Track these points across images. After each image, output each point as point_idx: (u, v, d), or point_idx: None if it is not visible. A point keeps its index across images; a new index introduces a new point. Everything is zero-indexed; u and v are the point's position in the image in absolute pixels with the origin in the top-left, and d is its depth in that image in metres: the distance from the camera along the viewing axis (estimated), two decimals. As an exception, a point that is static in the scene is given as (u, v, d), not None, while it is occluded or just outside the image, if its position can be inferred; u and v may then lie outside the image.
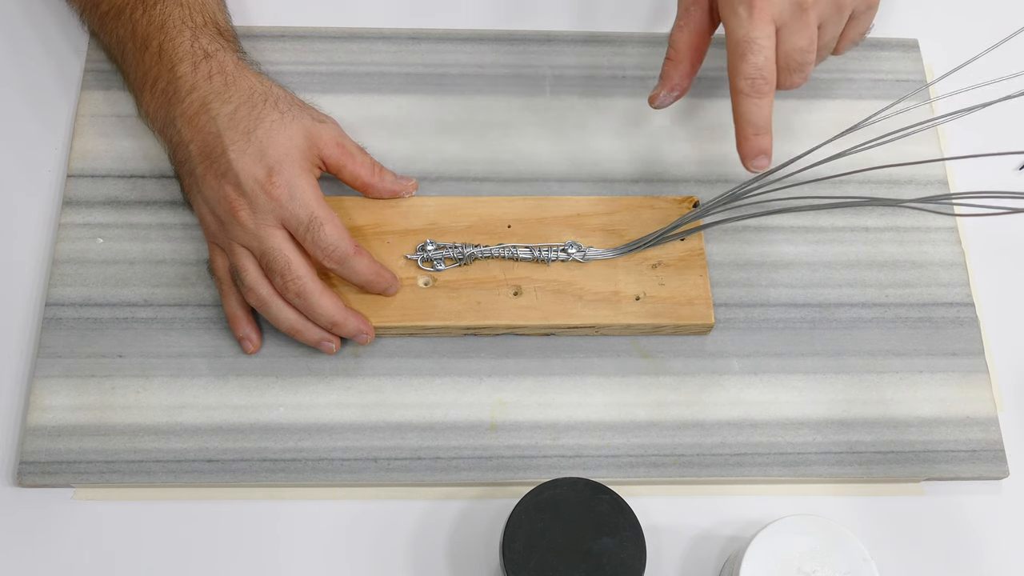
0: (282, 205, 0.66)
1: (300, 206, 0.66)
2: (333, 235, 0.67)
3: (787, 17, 0.67)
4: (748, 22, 0.66)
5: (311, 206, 0.67)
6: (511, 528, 0.60)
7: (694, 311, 0.71)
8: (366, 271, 0.68)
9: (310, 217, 0.66)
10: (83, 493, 0.68)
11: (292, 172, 0.67)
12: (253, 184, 0.66)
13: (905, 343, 0.74)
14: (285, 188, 0.66)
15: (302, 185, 0.67)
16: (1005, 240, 0.79)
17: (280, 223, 0.67)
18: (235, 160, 0.67)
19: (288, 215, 0.66)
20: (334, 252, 0.67)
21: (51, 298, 0.71)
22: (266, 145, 0.67)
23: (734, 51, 0.67)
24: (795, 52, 0.67)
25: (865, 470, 0.70)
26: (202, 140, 0.68)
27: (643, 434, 0.70)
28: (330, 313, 0.68)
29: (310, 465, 0.68)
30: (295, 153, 0.68)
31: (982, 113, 0.65)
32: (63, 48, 0.80)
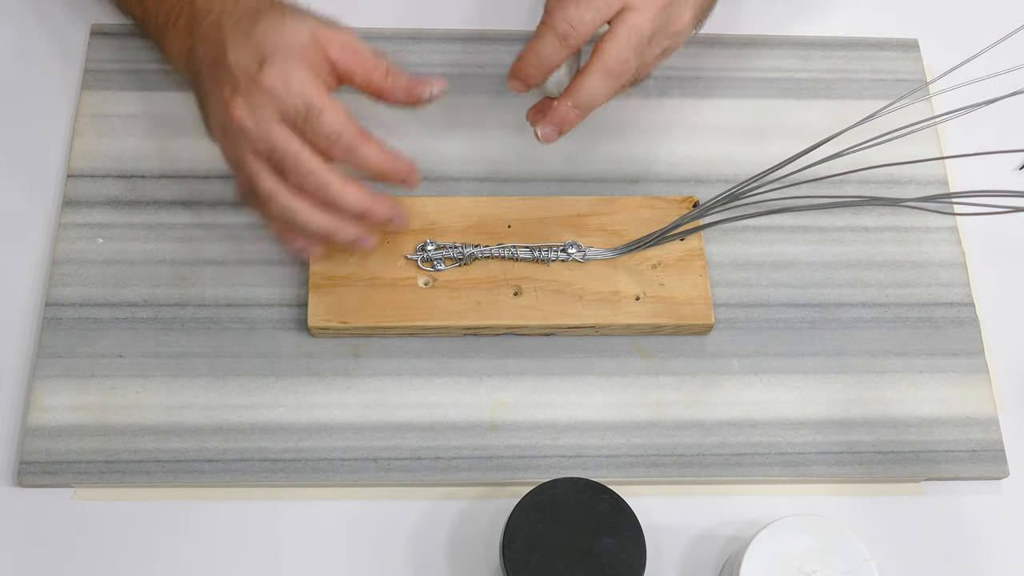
0: (276, 95, 0.62)
1: (296, 95, 0.62)
2: (335, 122, 0.62)
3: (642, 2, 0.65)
4: None
5: (308, 94, 0.62)
6: (511, 528, 0.60)
7: (694, 311, 0.71)
8: (378, 158, 0.64)
9: (307, 106, 0.62)
10: (83, 493, 0.68)
11: (287, 63, 0.62)
12: (246, 79, 0.62)
13: (905, 343, 0.74)
14: (279, 78, 0.62)
15: (298, 75, 0.62)
16: (1005, 240, 0.79)
17: (281, 117, 0.62)
18: (231, 59, 0.63)
19: (284, 106, 0.62)
20: (339, 140, 0.62)
21: (51, 298, 0.71)
22: (262, 39, 0.63)
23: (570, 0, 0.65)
24: (627, 36, 0.65)
25: (865, 470, 0.70)
26: (213, 52, 0.65)
27: (643, 434, 0.70)
28: (357, 201, 0.64)
29: (310, 465, 0.68)
30: (294, 47, 0.63)
31: (982, 112, 0.65)
32: (63, 48, 0.80)
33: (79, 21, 0.81)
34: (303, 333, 0.71)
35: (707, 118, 0.80)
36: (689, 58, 0.81)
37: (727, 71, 0.82)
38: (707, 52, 0.82)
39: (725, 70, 0.82)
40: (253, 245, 0.74)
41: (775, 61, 0.82)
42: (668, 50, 0.70)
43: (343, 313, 0.70)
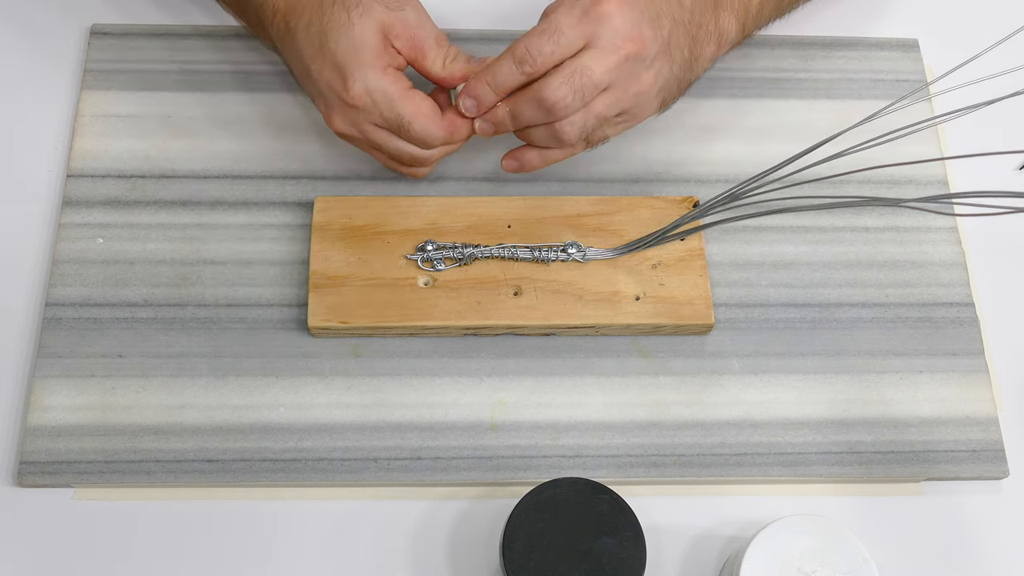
0: (368, 111, 0.67)
1: (385, 108, 0.67)
2: (423, 129, 0.68)
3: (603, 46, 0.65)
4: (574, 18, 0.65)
5: (394, 106, 0.67)
6: (511, 528, 0.60)
7: (694, 311, 0.71)
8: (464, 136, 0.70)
9: (397, 118, 0.67)
10: (83, 493, 0.68)
11: (366, 75, 0.66)
12: (335, 98, 0.67)
13: (905, 343, 0.74)
14: (365, 96, 0.66)
15: (379, 87, 0.66)
16: (1005, 240, 0.79)
17: (378, 125, 0.68)
18: (315, 75, 0.67)
19: (378, 119, 0.67)
20: (432, 141, 0.69)
21: (51, 298, 0.71)
22: (336, 53, 0.66)
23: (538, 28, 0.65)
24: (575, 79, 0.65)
25: (865, 470, 0.70)
26: (294, 62, 0.70)
27: (643, 434, 0.70)
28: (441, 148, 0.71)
29: (310, 465, 0.68)
30: (366, 54, 0.66)
31: (982, 113, 0.65)
32: (63, 48, 0.80)
33: (79, 21, 0.81)
34: (303, 333, 0.71)
35: (707, 118, 0.80)
36: (689, 58, 0.81)
37: (727, 71, 0.82)
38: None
39: (725, 70, 0.82)
40: (253, 245, 0.74)
41: (775, 61, 0.82)
42: (627, 115, 0.69)
43: (343, 313, 0.70)
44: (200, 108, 0.78)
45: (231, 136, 0.77)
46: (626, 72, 0.66)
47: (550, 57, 0.65)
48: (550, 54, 0.65)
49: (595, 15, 0.65)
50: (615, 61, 0.66)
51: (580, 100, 0.66)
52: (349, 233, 0.72)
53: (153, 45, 0.80)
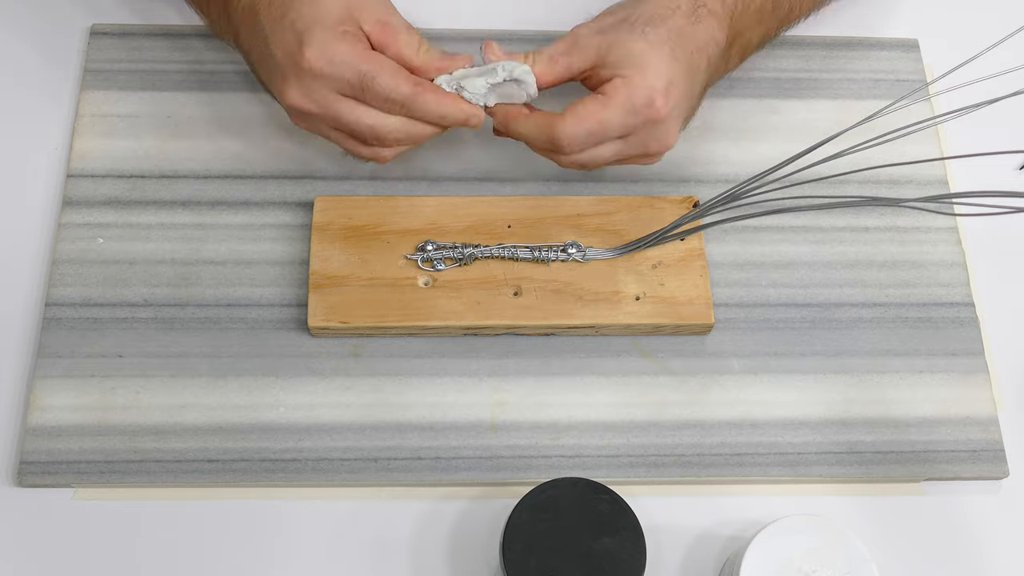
0: (325, 75, 0.63)
1: (344, 68, 0.63)
2: (389, 83, 0.64)
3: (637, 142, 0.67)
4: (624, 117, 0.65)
5: (355, 63, 0.63)
6: (511, 528, 0.60)
7: (694, 311, 0.71)
8: (437, 107, 0.65)
9: (359, 75, 0.63)
10: (83, 493, 0.68)
11: (325, 37, 0.63)
12: (292, 65, 0.64)
13: (905, 343, 0.74)
14: (322, 57, 0.63)
15: (338, 48, 0.63)
16: (1005, 240, 0.79)
17: (337, 92, 0.64)
18: (273, 48, 0.64)
19: (337, 83, 0.64)
20: (397, 97, 0.64)
21: (51, 298, 0.71)
22: (296, 18, 0.64)
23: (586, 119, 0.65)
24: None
25: (865, 470, 0.70)
26: (255, 43, 0.67)
27: (643, 434, 0.70)
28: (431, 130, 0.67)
29: (310, 465, 0.68)
30: (327, 19, 0.64)
31: (982, 113, 0.65)
32: (63, 48, 0.80)
33: (79, 21, 0.81)
34: (303, 333, 0.71)
35: (707, 118, 0.80)
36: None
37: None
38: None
39: (725, 70, 0.82)
40: (253, 245, 0.74)
41: (775, 61, 0.82)
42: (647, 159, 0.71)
43: (343, 313, 0.70)
44: (200, 108, 0.78)
45: (231, 136, 0.77)
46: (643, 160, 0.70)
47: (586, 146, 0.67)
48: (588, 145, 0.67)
49: (644, 119, 0.66)
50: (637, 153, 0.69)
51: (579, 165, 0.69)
52: (349, 233, 0.72)
53: (153, 45, 0.80)
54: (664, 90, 0.66)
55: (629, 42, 0.66)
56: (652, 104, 0.65)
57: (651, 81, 0.65)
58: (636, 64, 0.65)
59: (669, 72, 0.66)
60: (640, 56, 0.66)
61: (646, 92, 0.65)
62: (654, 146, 0.69)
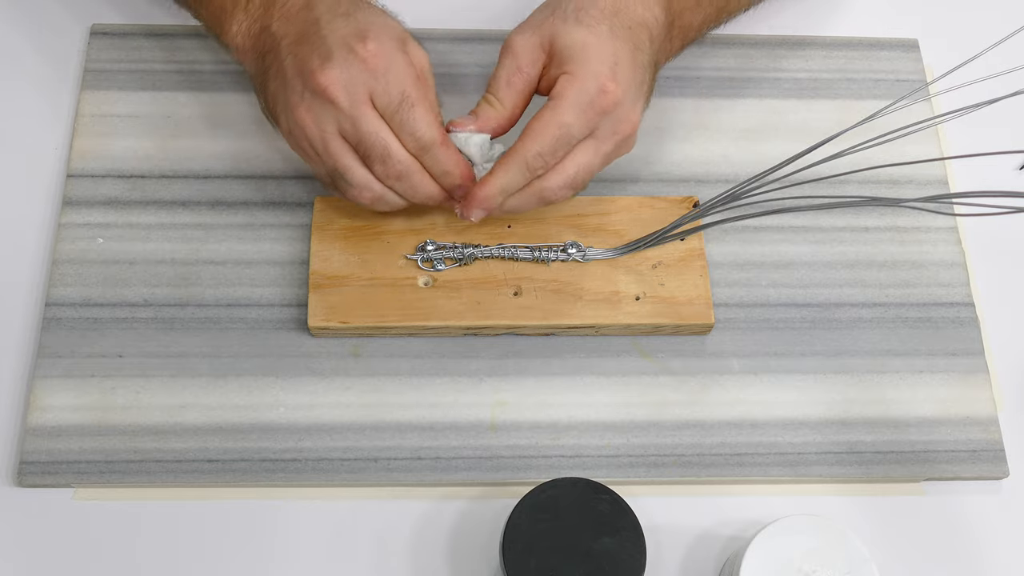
0: (375, 75, 0.61)
1: (395, 80, 0.62)
2: (424, 118, 0.62)
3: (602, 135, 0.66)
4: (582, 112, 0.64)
5: (404, 80, 0.62)
6: (511, 528, 0.60)
7: (694, 311, 0.71)
8: (446, 161, 0.64)
9: (402, 95, 0.62)
10: (83, 493, 0.68)
11: (391, 46, 0.62)
12: (344, 49, 0.61)
13: (905, 343, 0.74)
14: (382, 57, 0.61)
15: (399, 59, 0.62)
16: (1005, 240, 0.79)
17: (370, 97, 0.62)
18: (326, 32, 0.62)
19: (380, 88, 0.61)
20: (422, 137, 0.63)
21: (51, 298, 0.71)
22: (364, 19, 0.63)
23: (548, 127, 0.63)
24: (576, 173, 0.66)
25: (865, 470, 0.70)
26: (298, 29, 0.64)
27: (643, 434, 0.70)
28: (431, 191, 0.66)
29: (310, 465, 0.68)
30: (395, 34, 0.63)
31: (982, 113, 0.65)
32: (63, 48, 0.80)
33: (79, 21, 0.81)
34: (303, 333, 0.71)
35: (707, 118, 0.80)
36: (689, 58, 0.81)
37: (727, 71, 0.82)
38: (707, 52, 0.82)
39: (725, 70, 0.82)
40: (253, 245, 0.74)
41: (775, 61, 0.82)
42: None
43: (343, 313, 0.70)
44: (200, 108, 0.78)
45: (231, 136, 0.77)
46: (621, 148, 0.68)
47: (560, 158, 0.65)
48: (561, 156, 0.65)
49: (601, 107, 0.64)
50: (613, 145, 0.66)
51: (575, 188, 0.67)
52: (349, 233, 0.72)
53: (153, 45, 0.80)
54: (611, 73, 0.64)
55: (566, 32, 0.64)
56: (604, 91, 0.64)
57: (595, 68, 0.64)
58: (579, 54, 0.64)
59: (612, 52, 0.64)
60: (580, 45, 0.64)
61: (594, 81, 0.63)
62: (623, 129, 0.66)
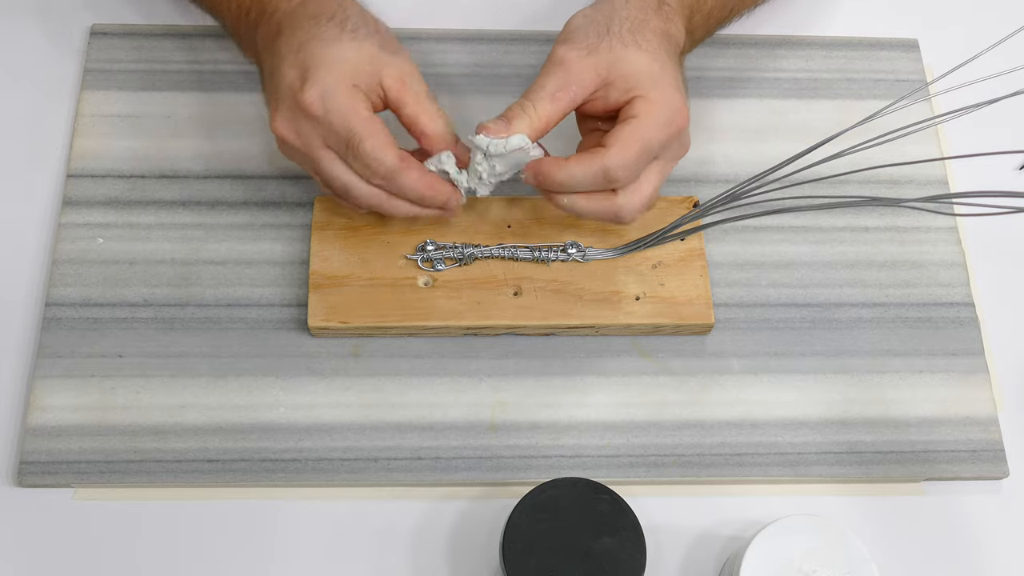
0: (316, 119, 0.62)
1: (336, 119, 0.62)
2: (375, 150, 0.62)
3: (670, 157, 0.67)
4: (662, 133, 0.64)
5: (347, 119, 0.62)
6: (511, 528, 0.60)
7: (694, 311, 0.71)
8: (416, 186, 0.64)
9: (348, 132, 0.62)
10: (83, 493, 0.68)
11: (328, 82, 0.62)
12: (289, 97, 0.63)
13: (905, 343, 0.74)
14: (319, 100, 0.62)
15: (337, 97, 0.62)
16: (1005, 240, 0.79)
17: (323, 141, 0.63)
18: (281, 73, 0.63)
19: (325, 131, 0.62)
20: (379, 168, 0.63)
21: (51, 298, 0.71)
22: (310, 54, 0.63)
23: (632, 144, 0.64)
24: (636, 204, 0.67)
25: (865, 470, 0.70)
26: (269, 64, 0.65)
27: (643, 434, 0.70)
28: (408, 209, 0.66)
29: (310, 465, 0.68)
30: (341, 67, 0.62)
31: (982, 113, 0.65)
32: (63, 48, 0.80)
33: (79, 21, 0.81)
34: (303, 333, 0.71)
35: (707, 118, 0.80)
36: (689, 58, 0.80)
37: (727, 71, 0.82)
38: (708, 52, 0.82)
39: (725, 70, 0.82)
40: (253, 245, 0.74)
41: (775, 61, 0.82)
42: None
43: (343, 313, 0.70)
44: (200, 108, 0.78)
45: (231, 136, 0.77)
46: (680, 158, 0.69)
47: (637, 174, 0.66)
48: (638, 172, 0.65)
49: (677, 126, 0.65)
50: (674, 164, 0.68)
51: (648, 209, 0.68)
52: (349, 233, 0.72)
53: (153, 45, 0.80)
54: (681, 95, 0.66)
55: (628, 57, 0.65)
56: (680, 111, 0.65)
57: (669, 91, 0.65)
58: (647, 79, 0.64)
59: (674, 76, 0.66)
60: (647, 69, 0.65)
61: (671, 103, 0.65)
62: (682, 152, 0.68)
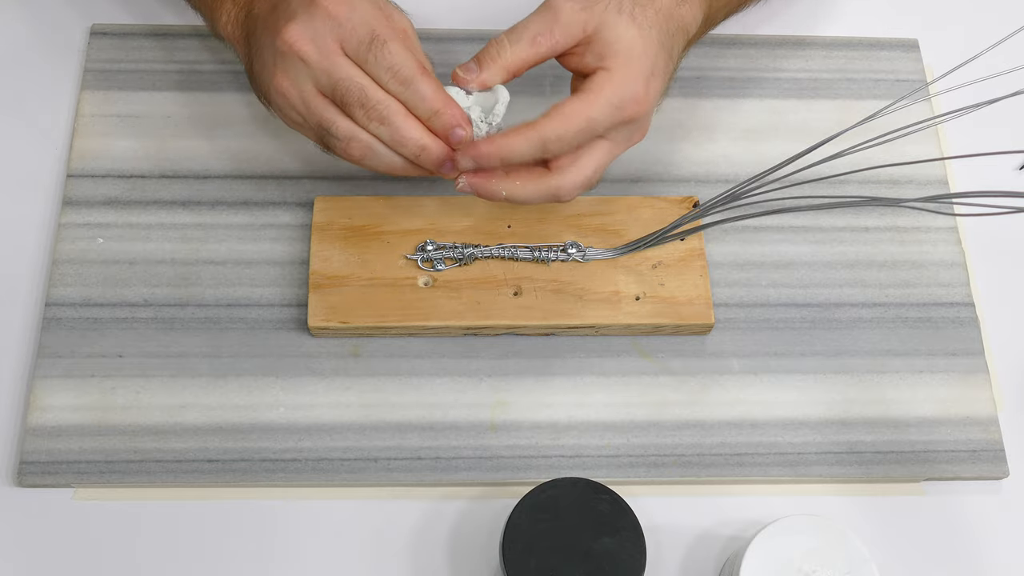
0: (339, 22, 0.61)
1: (360, 22, 0.61)
2: (399, 53, 0.61)
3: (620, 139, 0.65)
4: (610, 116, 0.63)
5: (372, 23, 0.61)
6: (511, 528, 0.60)
7: (694, 311, 0.71)
8: (433, 98, 0.62)
9: (372, 35, 0.61)
10: (83, 493, 0.68)
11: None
12: (306, 4, 0.61)
13: (905, 343, 0.74)
14: (344, 3, 0.61)
15: (364, 5, 0.61)
16: (1005, 240, 0.79)
17: (342, 47, 0.62)
18: None
19: (347, 33, 0.61)
20: (400, 71, 0.61)
21: (51, 298, 0.71)
22: None
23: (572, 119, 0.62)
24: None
25: (865, 470, 0.70)
26: (272, 3, 0.65)
27: (643, 434, 0.70)
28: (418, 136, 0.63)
29: (310, 465, 0.68)
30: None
31: (982, 113, 0.65)
32: (63, 48, 0.80)
33: (79, 21, 0.81)
34: (303, 333, 0.71)
35: (707, 118, 0.80)
36: (689, 58, 0.80)
37: (727, 71, 0.82)
38: (709, 52, 0.82)
39: (726, 70, 0.82)
40: (253, 245, 0.74)
41: (775, 61, 0.82)
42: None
43: (343, 313, 0.70)
44: (200, 108, 0.78)
45: (231, 136, 0.77)
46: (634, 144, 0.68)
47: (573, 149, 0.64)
48: (574, 148, 0.64)
49: (629, 115, 0.64)
50: (623, 149, 0.66)
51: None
52: (349, 233, 0.72)
53: (153, 45, 0.80)
54: (646, 83, 0.64)
55: (618, 25, 0.63)
56: (637, 99, 0.63)
57: (634, 73, 0.63)
58: (622, 54, 0.63)
59: (653, 61, 0.64)
60: (628, 44, 0.63)
61: (631, 88, 0.63)
62: (636, 138, 0.67)
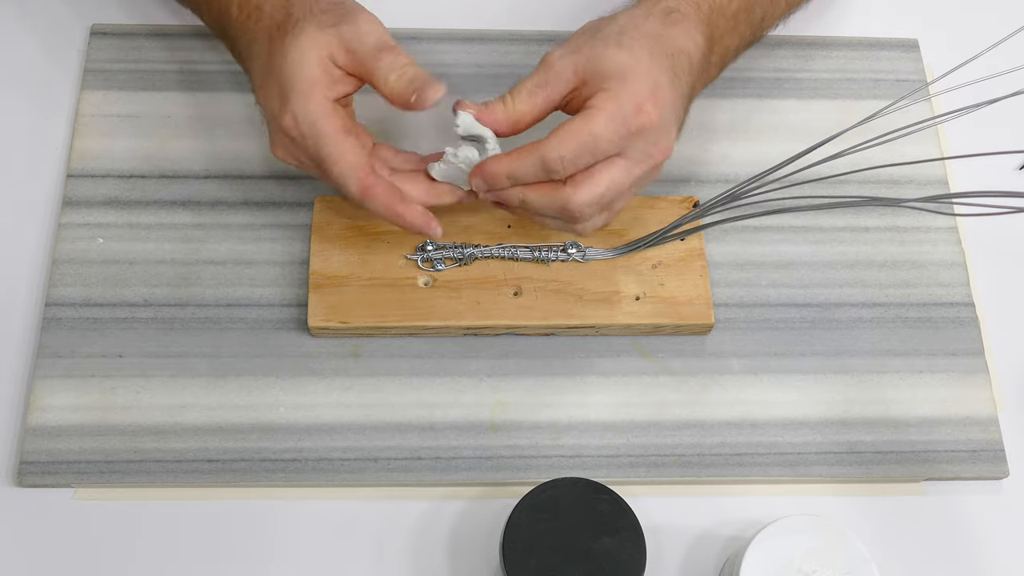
0: (296, 144, 0.65)
1: (310, 143, 0.64)
2: (340, 176, 0.64)
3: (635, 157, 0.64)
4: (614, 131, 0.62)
5: (318, 143, 0.63)
6: (511, 528, 0.60)
7: (694, 311, 0.71)
8: (381, 211, 0.65)
9: (318, 158, 0.64)
10: (83, 493, 0.68)
11: (298, 105, 0.63)
12: (273, 121, 0.65)
13: (905, 343, 0.74)
14: (293, 125, 0.63)
15: (308, 118, 0.63)
16: (1005, 240, 0.79)
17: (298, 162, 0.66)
18: (261, 96, 0.66)
19: (302, 157, 0.65)
20: (347, 189, 0.64)
21: (51, 298, 0.71)
22: (279, 73, 0.64)
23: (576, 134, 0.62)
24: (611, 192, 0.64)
25: (865, 470, 0.70)
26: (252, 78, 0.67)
27: (643, 434, 0.70)
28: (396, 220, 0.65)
29: (310, 465, 0.68)
30: (305, 79, 0.63)
31: (982, 113, 0.65)
32: (63, 48, 0.80)
33: (79, 21, 0.81)
34: (303, 333, 0.71)
35: (707, 118, 0.80)
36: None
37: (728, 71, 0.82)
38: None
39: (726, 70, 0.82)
40: (253, 245, 0.74)
41: (775, 61, 0.82)
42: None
43: (343, 313, 0.70)
44: (200, 108, 0.78)
45: (231, 136, 0.77)
46: (652, 174, 0.66)
47: (583, 168, 0.63)
48: (584, 166, 0.63)
49: (636, 127, 0.62)
50: (645, 168, 0.65)
51: (602, 209, 0.65)
52: (349, 233, 0.72)
53: (153, 45, 0.80)
54: (651, 94, 0.63)
55: (605, 54, 0.63)
56: (641, 110, 0.62)
57: (635, 88, 0.63)
58: (618, 74, 0.63)
59: (652, 76, 0.63)
60: (620, 65, 0.63)
61: (633, 99, 0.62)
62: (656, 153, 0.65)
